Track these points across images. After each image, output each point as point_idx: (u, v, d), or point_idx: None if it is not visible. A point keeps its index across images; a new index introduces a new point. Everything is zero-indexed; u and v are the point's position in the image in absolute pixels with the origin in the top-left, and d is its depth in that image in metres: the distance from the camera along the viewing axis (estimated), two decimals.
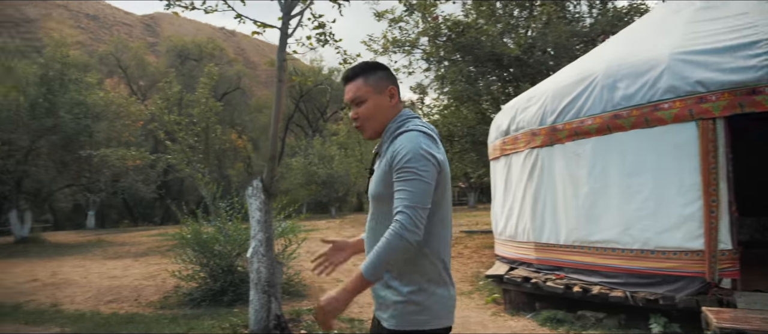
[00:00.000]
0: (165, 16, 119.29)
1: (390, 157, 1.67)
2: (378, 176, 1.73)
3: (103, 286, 7.38)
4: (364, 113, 1.78)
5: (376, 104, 1.76)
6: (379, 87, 1.78)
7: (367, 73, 1.79)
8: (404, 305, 1.66)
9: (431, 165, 1.62)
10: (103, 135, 17.36)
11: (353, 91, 1.79)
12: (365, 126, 1.80)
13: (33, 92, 15.91)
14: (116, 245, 14.37)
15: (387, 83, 1.79)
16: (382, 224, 1.68)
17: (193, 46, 37.06)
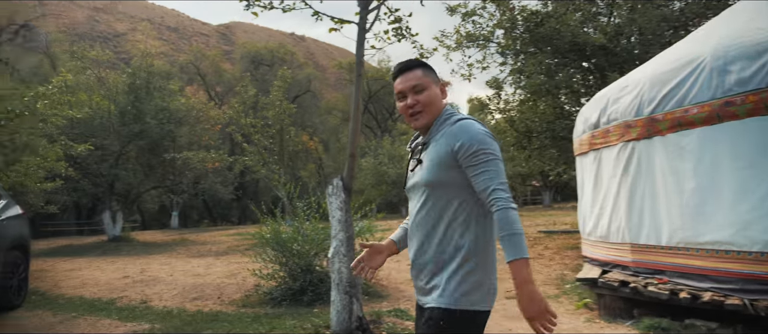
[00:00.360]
0: (239, 25, 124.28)
1: (450, 143, 1.71)
2: (432, 163, 1.75)
3: (188, 284, 7.62)
4: (425, 100, 1.82)
5: (435, 94, 1.83)
6: (436, 80, 1.87)
7: (425, 66, 1.88)
8: (457, 286, 1.70)
9: (496, 143, 1.72)
10: (185, 139, 18.23)
11: (415, 79, 1.83)
12: (424, 112, 1.83)
13: (122, 100, 16.97)
14: (198, 244, 15.00)
15: (438, 80, 1.89)
16: (434, 211, 1.75)
17: (266, 52, 38.33)
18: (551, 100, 9.85)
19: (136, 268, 9.62)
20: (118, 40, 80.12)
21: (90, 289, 7.43)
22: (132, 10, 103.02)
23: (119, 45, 70.03)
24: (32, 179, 9.83)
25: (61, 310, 5.99)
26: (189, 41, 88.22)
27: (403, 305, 5.68)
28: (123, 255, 12.87)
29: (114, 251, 13.73)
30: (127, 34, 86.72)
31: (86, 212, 30.77)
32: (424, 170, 1.79)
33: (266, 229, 6.52)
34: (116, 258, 12.06)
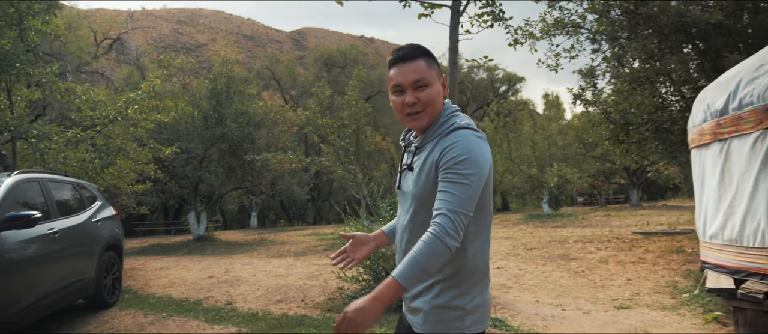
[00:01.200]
0: (311, 31, 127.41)
1: (439, 154, 1.51)
2: (421, 174, 1.57)
3: (271, 285, 7.55)
4: (427, 99, 1.57)
5: (437, 91, 1.59)
6: (440, 73, 1.63)
7: (430, 56, 1.61)
8: (444, 311, 1.56)
9: (482, 171, 1.48)
10: (263, 141, 18.61)
11: (418, 73, 1.56)
12: (425, 113, 1.58)
13: (205, 105, 17.58)
14: (277, 244, 15.19)
15: (442, 73, 1.66)
16: (423, 225, 1.52)
17: (338, 54, 38.81)
18: (650, 89, 8.97)
19: (220, 268, 9.76)
20: (200, 50, 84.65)
21: (178, 288, 7.53)
22: (212, 22, 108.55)
23: (201, 54, 73.96)
24: (125, 182, 10.25)
25: (151, 310, 6.04)
26: (264, 48, 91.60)
27: (500, 313, 5.22)
28: (207, 254, 13.24)
29: (199, 251, 14.17)
30: (207, 45, 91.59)
31: (173, 212, 32.44)
32: (414, 180, 1.60)
33: (349, 229, 6.26)
34: (201, 257, 12.39)
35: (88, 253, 5.59)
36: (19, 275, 4.23)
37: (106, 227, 6.18)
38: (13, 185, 4.63)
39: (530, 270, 8.16)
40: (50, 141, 8.61)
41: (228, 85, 17.67)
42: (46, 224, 4.82)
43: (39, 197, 5.00)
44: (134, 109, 8.99)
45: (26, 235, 4.40)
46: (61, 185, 5.66)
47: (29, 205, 4.75)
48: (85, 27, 30.46)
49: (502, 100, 27.16)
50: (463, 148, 1.47)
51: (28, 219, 4.18)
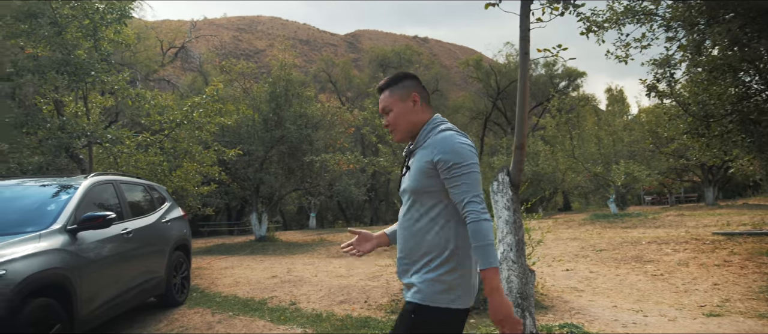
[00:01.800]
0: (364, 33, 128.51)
1: (430, 154, 1.85)
2: (417, 171, 1.89)
3: (333, 285, 7.52)
4: (392, 120, 1.99)
5: (400, 111, 1.96)
6: (403, 95, 1.98)
7: (394, 84, 2.00)
8: (433, 283, 1.83)
9: (474, 155, 1.84)
10: (321, 143, 18.80)
11: (383, 103, 2.02)
12: (396, 130, 2.01)
13: (265, 108, 17.96)
14: (336, 244, 15.27)
15: (411, 90, 1.99)
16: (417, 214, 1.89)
17: (393, 55, 38.81)
18: (731, 78, 8.29)
19: (282, 267, 9.87)
20: (259, 56, 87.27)
21: (243, 288, 7.65)
22: (269, 29, 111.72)
23: (259, 60, 76.21)
24: (191, 183, 10.57)
25: (219, 308, 6.14)
26: (319, 52, 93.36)
27: (575, 318, 4.92)
28: (269, 254, 13.47)
29: (261, 250, 14.45)
30: (265, 50, 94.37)
31: (235, 213, 33.50)
32: (410, 177, 1.94)
33: None
34: (263, 257, 12.62)
35: (158, 252, 5.74)
36: (96, 274, 4.36)
37: (175, 228, 6.34)
38: (89, 187, 4.80)
39: (602, 273, 7.72)
40: (123, 145, 8.98)
41: (286, 89, 17.98)
42: (119, 224, 4.97)
43: (113, 198, 5.17)
44: (199, 112, 9.26)
45: (102, 235, 4.53)
46: (133, 186, 5.85)
47: (104, 206, 4.91)
48: (152, 37, 31.98)
49: (563, 96, 26.20)
50: (453, 147, 1.82)
51: (104, 219, 4.30)
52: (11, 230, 3.99)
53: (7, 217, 4.25)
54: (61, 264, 3.91)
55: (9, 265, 3.43)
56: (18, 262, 3.52)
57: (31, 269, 3.58)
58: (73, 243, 4.14)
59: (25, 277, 3.50)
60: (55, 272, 3.83)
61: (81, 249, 4.20)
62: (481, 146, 38.25)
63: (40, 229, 4.02)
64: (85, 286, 4.13)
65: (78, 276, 4.06)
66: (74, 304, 3.97)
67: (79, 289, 4.04)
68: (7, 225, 4.09)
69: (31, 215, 4.25)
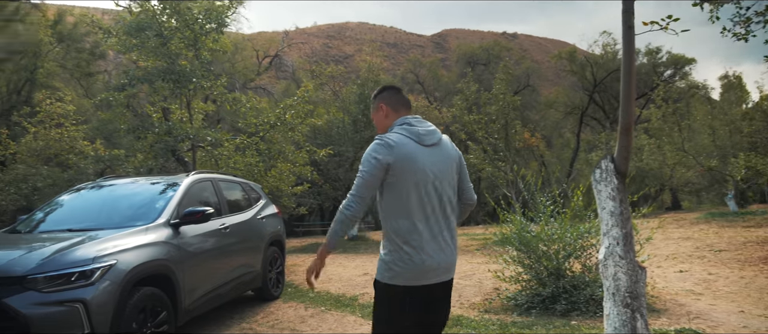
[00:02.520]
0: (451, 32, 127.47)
1: None
2: None
3: None
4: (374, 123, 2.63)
5: (375, 119, 2.60)
6: (375, 106, 2.59)
7: (373, 98, 2.62)
8: (380, 263, 2.40)
9: (371, 166, 2.28)
10: None
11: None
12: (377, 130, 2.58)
13: (354, 110, 18.27)
14: None
15: (379, 102, 2.55)
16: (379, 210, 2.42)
17: (481, 51, 38.06)
18: None
19: (374, 265, 9.92)
20: (348, 61, 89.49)
21: (335, 284, 7.74)
22: (357, 34, 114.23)
23: (349, 65, 78.15)
24: (286, 183, 10.95)
25: (312, 303, 6.24)
26: (407, 54, 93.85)
27: (694, 323, 4.40)
28: (361, 253, 13.63)
29: (353, 249, 14.68)
30: (354, 55, 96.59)
31: (328, 214, 34.47)
32: None
33: (507, 227, 5.85)
34: (355, 256, 12.78)
35: (254, 247, 5.94)
36: (197, 266, 4.57)
37: (269, 224, 6.54)
38: (190, 185, 5.05)
39: (723, 275, 6.92)
40: (222, 148, 9.47)
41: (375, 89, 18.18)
42: (218, 219, 5.18)
43: (211, 195, 5.41)
44: (291, 114, 9.57)
45: (202, 229, 4.74)
46: (230, 184, 6.10)
47: (204, 202, 5.15)
48: (249, 48, 33.82)
49: (669, 85, 24.17)
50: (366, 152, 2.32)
51: (203, 214, 4.50)
52: (123, 223, 4.29)
53: (120, 212, 4.57)
54: (165, 256, 4.12)
55: (119, 255, 3.67)
56: (127, 253, 3.75)
57: (138, 259, 3.80)
58: (175, 236, 4.36)
59: (134, 266, 3.72)
60: (159, 263, 4.04)
61: (183, 242, 4.41)
62: (577, 142, 36.39)
63: (147, 223, 4.28)
64: (187, 277, 4.33)
65: (180, 268, 4.27)
66: (178, 294, 4.18)
67: (182, 280, 4.24)
68: (120, 219, 4.40)
69: (140, 210, 4.55)
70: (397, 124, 2.42)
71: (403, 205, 2.28)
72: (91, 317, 3.33)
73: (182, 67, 8.11)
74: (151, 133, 8.23)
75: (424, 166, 2.31)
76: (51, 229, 4.47)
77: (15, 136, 12.66)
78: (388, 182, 2.28)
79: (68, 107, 12.04)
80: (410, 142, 2.32)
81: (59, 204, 5.03)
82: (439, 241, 2.32)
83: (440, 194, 2.36)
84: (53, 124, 11.77)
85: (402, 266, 2.26)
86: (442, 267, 2.34)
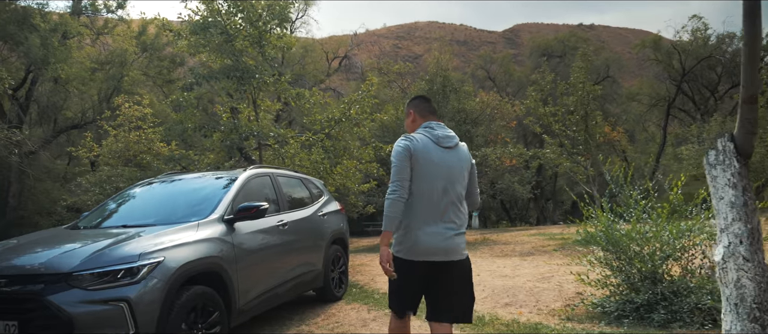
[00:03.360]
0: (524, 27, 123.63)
1: None
2: None
3: (497, 286, 6.85)
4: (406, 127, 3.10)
5: (406, 123, 3.08)
6: (406, 112, 3.10)
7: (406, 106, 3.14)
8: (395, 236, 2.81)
9: (400, 155, 2.72)
10: (481, 139, 18.09)
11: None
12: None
13: None
14: (500, 243, 14.42)
15: (409, 109, 3.07)
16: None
17: (556, 43, 36.35)
18: None
19: None
20: (417, 61, 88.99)
21: None
22: (426, 33, 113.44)
23: (418, 65, 77.72)
24: (352, 181, 10.70)
25: (375, 305, 5.88)
26: (477, 51, 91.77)
27: None
28: None
29: None
30: (423, 55, 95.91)
31: None
32: None
33: (592, 225, 5.20)
34: None
35: (315, 246, 5.67)
36: (252, 264, 4.33)
37: (331, 221, 6.25)
38: (247, 179, 4.85)
39: None
40: (288, 145, 9.36)
41: (443, 85, 17.66)
42: (275, 215, 4.95)
43: (270, 191, 5.20)
44: (356, 109, 9.29)
45: (258, 226, 4.51)
46: (290, 180, 5.88)
47: (261, 198, 4.94)
48: (318, 50, 34.26)
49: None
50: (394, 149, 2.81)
51: (258, 210, 4.26)
52: (178, 219, 4.12)
53: (175, 208, 4.43)
54: (217, 253, 3.91)
55: (166, 252, 3.47)
56: (175, 249, 3.55)
57: (187, 257, 3.60)
58: (229, 233, 4.15)
59: (183, 264, 3.52)
60: (211, 260, 3.83)
61: (237, 240, 4.19)
62: (664, 136, 33.88)
63: (200, 219, 4.09)
64: (241, 276, 4.10)
65: (234, 266, 4.04)
66: (231, 294, 3.95)
67: (235, 279, 4.02)
68: (175, 215, 4.25)
69: (195, 206, 4.38)
70: (421, 127, 2.88)
71: (415, 191, 2.71)
72: (136, 316, 3.15)
73: (246, 64, 8.06)
74: (217, 131, 8.23)
75: (439, 162, 2.74)
76: (108, 225, 4.41)
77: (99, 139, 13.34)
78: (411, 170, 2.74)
79: (145, 110, 12.49)
80: (430, 142, 2.76)
81: (121, 200, 5.00)
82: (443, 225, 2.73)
83: (448, 190, 2.76)
84: (133, 127, 12.26)
85: (407, 244, 2.73)
86: (440, 249, 2.72)
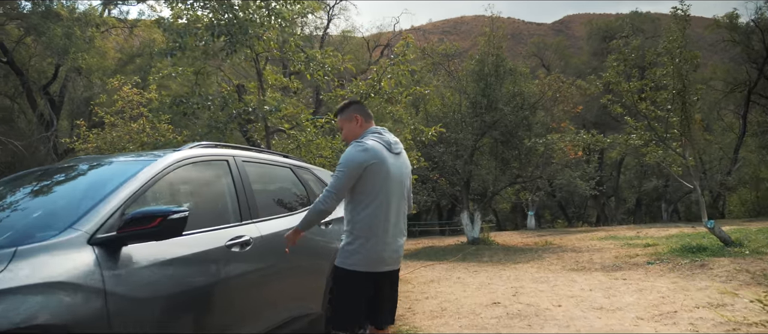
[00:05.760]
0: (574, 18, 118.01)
1: None
2: None
3: (595, 327, 4.52)
4: (344, 136, 2.98)
5: (348, 129, 2.92)
6: (349, 118, 2.93)
7: (342, 111, 2.99)
8: (342, 250, 2.75)
9: (348, 168, 2.64)
10: (541, 126, 15.59)
11: (338, 124, 3.04)
12: (346, 141, 2.93)
13: (472, 90, 15.51)
14: (568, 250, 11.92)
15: (353, 114, 2.92)
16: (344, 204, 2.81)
17: (619, 24, 32.84)
18: None
19: (505, 286, 7.14)
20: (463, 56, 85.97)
21: (451, 320, 5.14)
22: (473, 28, 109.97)
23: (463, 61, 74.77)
24: None
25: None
26: (525, 44, 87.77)
27: None
28: (484, 261, 10.86)
29: (474, 256, 11.95)
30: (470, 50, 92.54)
31: (446, 212, 31.82)
32: None
33: None
34: (477, 266, 10.06)
35: (309, 275, 3.51)
36: (158, 330, 2.22)
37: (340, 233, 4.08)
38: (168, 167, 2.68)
39: None
40: (303, 131, 7.31)
41: (496, 65, 15.23)
42: (228, 228, 2.84)
43: (224, 186, 3.08)
44: (387, 79, 7.08)
45: (172, 252, 2.40)
46: (270, 168, 3.70)
47: (202, 198, 2.85)
48: (358, 39, 32.28)
49: None
50: (343, 155, 2.71)
51: (165, 220, 2.14)
52: (16, 238, 2.06)
53: (22, 217, 2.38)
54: (62, 314, 1.82)
55: None
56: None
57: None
58: (104, 267, 2.06)
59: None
60: None
61: (120, 281, 2.10)
62: (743, 125, 30.10)
63: (46, 238, 2.02)
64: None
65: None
66: None
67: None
68: (17, 230, 2.19)
69: (55, 213, 2.32)
70: (369, 131, 2.83)
71: (370, 200, 2.65)
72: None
73: (238, 16, 6.02)
74: (203, 107, 6.23)
75: (391, 169, 2.71)
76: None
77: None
78: (361, 179, 2.64)
79: (150, 95, 10.76)
80: (383, 149, 2.72)
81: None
82: (393, 233, 2.74)
83: (399, 196, 2.76)
84: (134, 114, 10.55)
85: (356, 255, 2.67)
86: (393, 259, 2.77)
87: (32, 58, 20.59)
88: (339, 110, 2.98)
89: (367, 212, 2.64)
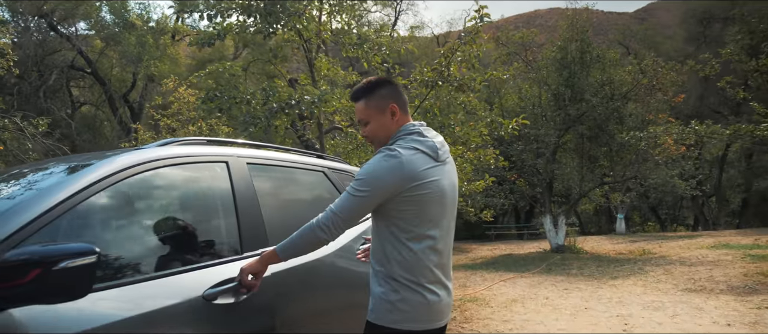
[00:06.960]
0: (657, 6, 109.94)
1: None
2: None
3: None
4: (369, 133, 1.93)
5: (379, 125, 1.88)
6: (380, 106, 1.88)
7: (369, 94, 1.89)
8: (379, 301, 1.79)
9: (373, 188, 1.72)
10: (635, 119, 13.73)
11: (359, 114, 1.94)
12: (374, 142, 1.95)
13: (553, 81, 13.96)
14: (671, 261, 10.14)
15: (388, 101, 1.88)
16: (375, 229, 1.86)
17: (719, 7, 29.45)
18: None
19: (607, 314, 5.77)
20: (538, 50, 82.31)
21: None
22: (547, 21, 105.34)
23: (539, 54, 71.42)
24: (459, 179, 7.34)
25: None
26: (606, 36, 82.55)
27: None
28: (573, 275, 9.40)
29: (560, 267, 10.47)
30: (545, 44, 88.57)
31: (524, 215, 29.93)
32: None
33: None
34: (566, 280, 8.65)
35: (341, 316, 2.48)
36: None
37: None
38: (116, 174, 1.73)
39: None
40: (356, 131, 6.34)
41: (582, 51, 13.59)
42: (218, 265, 1.86)
43: (217, 203, 2.10)
44: (457, 63, 5.92)
45: (97, 316, 1.43)
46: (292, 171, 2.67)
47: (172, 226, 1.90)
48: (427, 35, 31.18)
49: None
50: (364, 167, 1.78)
51: (51, 271, 1.17)
52: None
53: None
54: None
55: None
56: None
57: None
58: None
59: None
60: None
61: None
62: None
63: None
64: None
65: None
66: None
67: None
68: None
69: None
70: (404, 131, 1.86)
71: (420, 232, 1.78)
72: None
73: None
74: (237, 102, 5.41)
75: (446, 189, 1.83)
76: None
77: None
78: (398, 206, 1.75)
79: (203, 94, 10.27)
80: (426, 159, 1.79)
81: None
82: (447, 274, 1.90)
83: (452, 221, 1.91)
84: (191, 117, 10.09)
85: (413, 307, 1.78)
86: (448, 308, 1.92)
87: (114, 68, 21.32)
88: (362, 92, 1.90)
89: (419, 248, 1.76)
